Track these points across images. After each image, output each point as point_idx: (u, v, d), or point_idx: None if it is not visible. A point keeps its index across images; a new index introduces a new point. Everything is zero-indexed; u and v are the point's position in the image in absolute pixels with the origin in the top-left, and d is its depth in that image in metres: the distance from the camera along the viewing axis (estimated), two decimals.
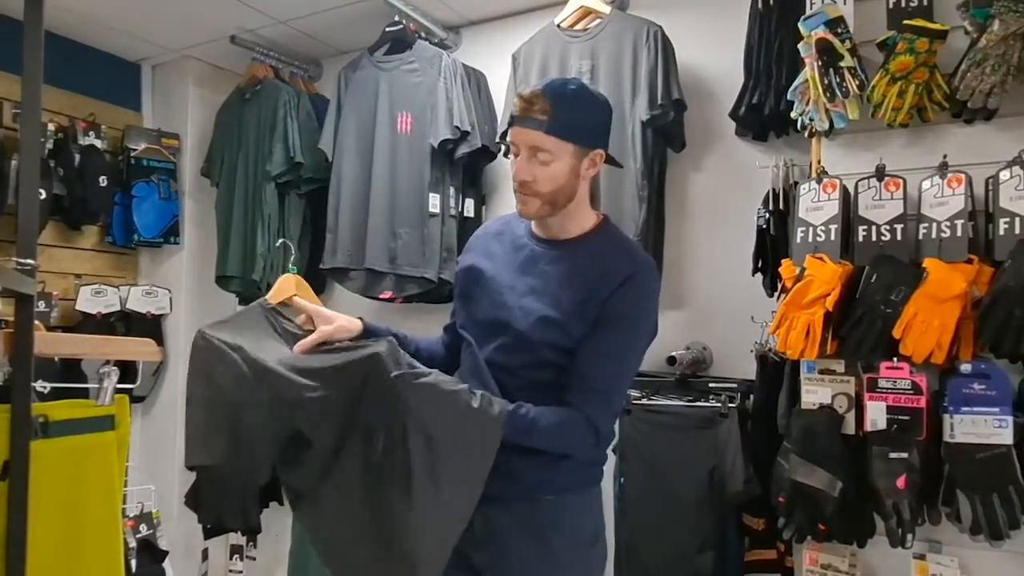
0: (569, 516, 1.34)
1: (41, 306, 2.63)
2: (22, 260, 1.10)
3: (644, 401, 2.08)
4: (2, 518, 1.10)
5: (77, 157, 2.76)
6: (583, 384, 1.30)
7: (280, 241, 2.64)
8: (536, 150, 1.30)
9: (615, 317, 1.30)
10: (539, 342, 1.30)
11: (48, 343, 1.21)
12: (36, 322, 1.16)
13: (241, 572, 3.05)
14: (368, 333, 1.40)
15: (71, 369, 2.46)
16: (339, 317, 1.39)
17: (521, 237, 1.43)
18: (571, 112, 1.30)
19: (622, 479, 2.08)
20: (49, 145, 2.68)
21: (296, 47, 2.95)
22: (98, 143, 2.84)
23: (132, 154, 2.95)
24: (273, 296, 1.49)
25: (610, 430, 1.39)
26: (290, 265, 1.71)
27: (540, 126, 1.28)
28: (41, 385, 2.37)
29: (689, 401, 2.06)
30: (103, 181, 2.81)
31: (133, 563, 2.21)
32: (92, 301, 2.83)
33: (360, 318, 1.42)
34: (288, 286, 1.51)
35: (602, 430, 1.32)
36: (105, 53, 3.03)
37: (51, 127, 2.69)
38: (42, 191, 2.57)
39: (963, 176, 1.62)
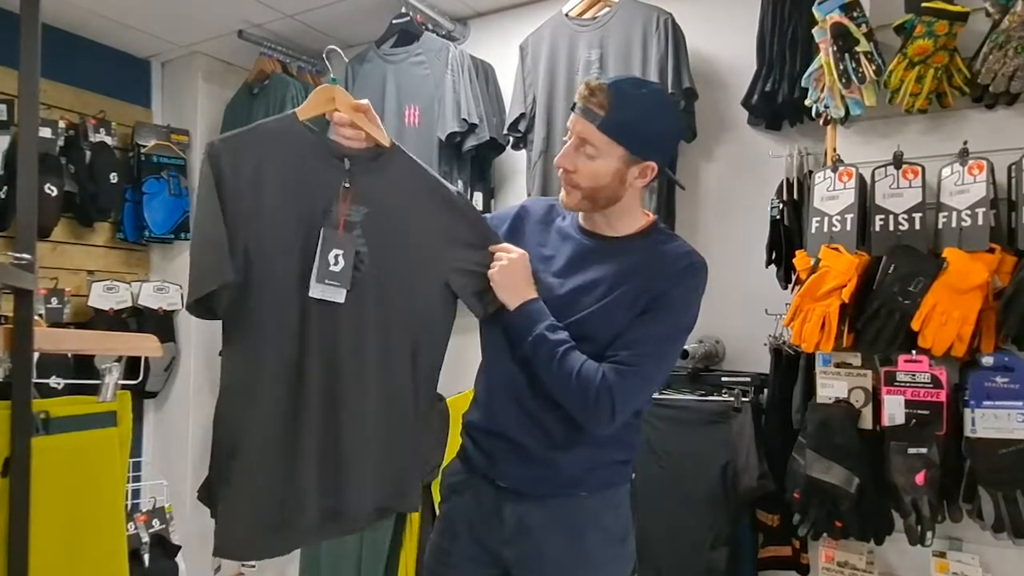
0: (602, 513, 1.32)
1: (54, 302, 2.65)
2: (19, 255, 1.09)
3: (656, 395, 2.05)
4: (3, 515, 1.09)
5: (88, 154, 2.77)
6: (617, 356, 1.25)
7: (331, 77, 2.45)
8: (584, 142, 1.26)
9: (663, 303, 1.26)
10: (602, 337, 1.26)
11: (49, 339, 1.20)
12: (37, 317, 1.15)
13: (254, 567, 3.06)
14: None
15: (84, 365, 2.48)
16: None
17: (567, 228, 1.39)
18: (630, 114, 1.24)
19: (633, 474, 2.06)
20: (60, 142, 2.69)
21: (304, 41, 2.94)
22: (108, 140, 2.85)
23: (142, 150, 2.96)
24: (303, 111, 1.24)
25: (629, 419, 1.32)
26: (331, 76, 1.32)
27: (594, 119, 1.24)
28: (55, 381, 2.38)
29: (702, 395, 2.04)
30: (114, 178, 2.82)
31: (146, 557, 2.22)
32: (104, 297, 2.84)
33: None
34: (324, 98, 1.19)
35: (618, 407, 1.22)
36: (114, 50, 3.04)
37: (62, 124, 2.71)
38: (54, 188, 2.59)
39: (984, 163, 1.57)
